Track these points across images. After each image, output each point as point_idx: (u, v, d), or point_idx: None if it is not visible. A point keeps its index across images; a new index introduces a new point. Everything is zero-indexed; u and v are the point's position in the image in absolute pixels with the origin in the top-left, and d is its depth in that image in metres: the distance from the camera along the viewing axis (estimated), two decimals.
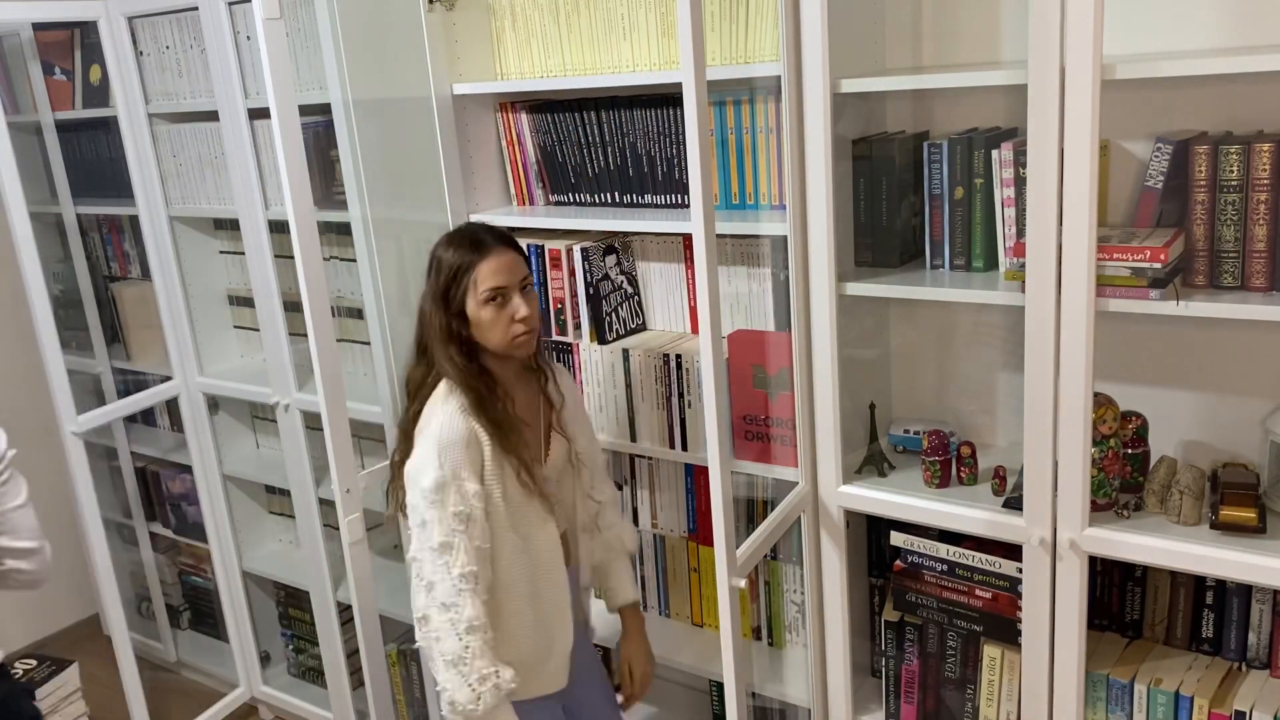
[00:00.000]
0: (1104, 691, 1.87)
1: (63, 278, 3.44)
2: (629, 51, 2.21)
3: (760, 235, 2.13)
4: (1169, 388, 1.92)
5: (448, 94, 2.34)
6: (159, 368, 3.16)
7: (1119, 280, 1.64)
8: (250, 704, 3.35)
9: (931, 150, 1.89)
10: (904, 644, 2.09)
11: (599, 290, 2.32)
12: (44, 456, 3.69)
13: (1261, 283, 1.62)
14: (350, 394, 2.11)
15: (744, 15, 2.03)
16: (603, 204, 2.36)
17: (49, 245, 3.41)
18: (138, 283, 3.30)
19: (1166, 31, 1.78)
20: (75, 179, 3.26)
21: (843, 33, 1.85)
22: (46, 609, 3.80)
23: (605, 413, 2.36)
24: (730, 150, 2.12)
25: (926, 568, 2.01)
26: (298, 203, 1.91)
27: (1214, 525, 1.69)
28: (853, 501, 2.01)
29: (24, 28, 3.05)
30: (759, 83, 2.03)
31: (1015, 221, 1.81)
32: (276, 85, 1.85)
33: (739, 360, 2.13)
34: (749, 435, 2.17)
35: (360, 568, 2.12)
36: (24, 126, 3.24)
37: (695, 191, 1.55)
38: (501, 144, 2.48)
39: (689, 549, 2.50)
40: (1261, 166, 1.59)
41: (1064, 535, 1.74)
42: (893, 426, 2.16)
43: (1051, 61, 1.55)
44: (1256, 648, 1.83)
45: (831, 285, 1.89)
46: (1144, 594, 1.92)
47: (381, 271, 2.32)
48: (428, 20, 2.27)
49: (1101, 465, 1.77)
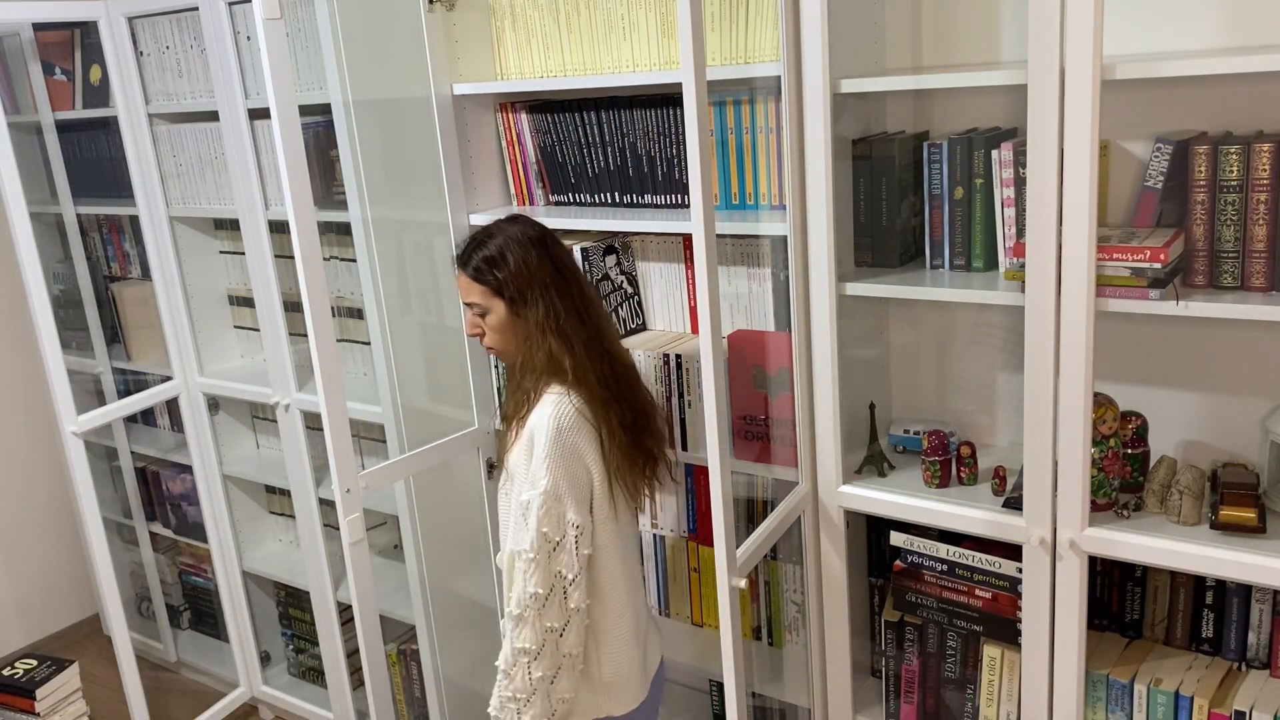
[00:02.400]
0: (1104, 691, 1.87)
1: (63, 278, 3.44)
2: (629, 51, 2.21)
3: (760, 235, 2.13)
4: (1169, 388, 1.92)
5: (448, 94, 2.34)
6: (159, 368, 3.16)
7: (1119, 280, 1.64)
8: (250, 704, 3.35)
9: (931, 150, 1.89)
10: (904, 644, 2.09)
11: (599, 290, 2.32)
12: (44, 456, 3.70)
13: (1261, 283, 1.62)
14: (350, 394, 2.11)
15: (744, 15, 2.03)
16: (603, 204, 2.36)
17: (49, 245, 3.41)
18: (138, 283, 3.30)
19: (1166, 31, 1.78)
20: (75, 179, 3.26)
21: (843, 33, 1.85)
22: (46, 609, 3.80)
23: None
24: (730, 150, 2.12)
25: (926, 568, 2.01)
26: (298, 203, 1.90)
27: (1214, 525, 1.69)
28: (853, 501, 2.01)
29: (24, 28, 3.05)
30: (759, 83, 2.03)
31: (1015, 221, 1.81)
32: (276, 85, 1.85)
33: (739, 360, 2.13)
34: (749, 435, 2.17)
35: (360, 568, 2.12)
36: (24, 126, 3.24)
37: (695, 191, 1.55)
38: (501, 144, 2.48)
39: (689, 549, 2.50)
40: (1261, 166, 1.59)
41: (1064, 535, 1.74)
42: (893, 426, 2.16)
43: (1051, 61, 1.55)
44: (1256, 648, 1.83)
45: (831, 285, 1.89)
46: (1144, 594, 1.92)
47: (381, 271, 2.32)
48: (428, 20, 2.27)
49: (1101, 465, 1.77)
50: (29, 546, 3.71)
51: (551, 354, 1.84)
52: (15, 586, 2.05)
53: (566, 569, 1.78)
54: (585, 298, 1.90)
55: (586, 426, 1.82)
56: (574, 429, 1.80)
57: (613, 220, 2.22)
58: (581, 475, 1.81)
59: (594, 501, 1.83)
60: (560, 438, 1.78)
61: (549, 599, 1.78)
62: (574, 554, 1.79)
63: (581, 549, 1.80)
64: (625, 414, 1.88)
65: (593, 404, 1.83)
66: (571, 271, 1.90)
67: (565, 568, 1.78)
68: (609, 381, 1.87)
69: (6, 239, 2.64)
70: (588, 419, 1.82)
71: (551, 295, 1.84)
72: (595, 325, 1.89)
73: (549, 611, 1.78)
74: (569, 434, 1.79)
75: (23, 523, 3.68)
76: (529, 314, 1.85)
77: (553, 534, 1.77)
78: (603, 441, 1.83)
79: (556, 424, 1.79)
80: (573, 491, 1.79)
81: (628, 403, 1.90)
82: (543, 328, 1.84)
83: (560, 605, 1.79)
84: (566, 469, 1.78)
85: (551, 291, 1.85)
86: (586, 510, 1.82)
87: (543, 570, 1.77)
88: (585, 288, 1.92)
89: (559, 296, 1.85)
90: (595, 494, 1.83)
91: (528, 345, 1.86)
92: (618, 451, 1.84)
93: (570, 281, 1.88)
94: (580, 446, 1.81)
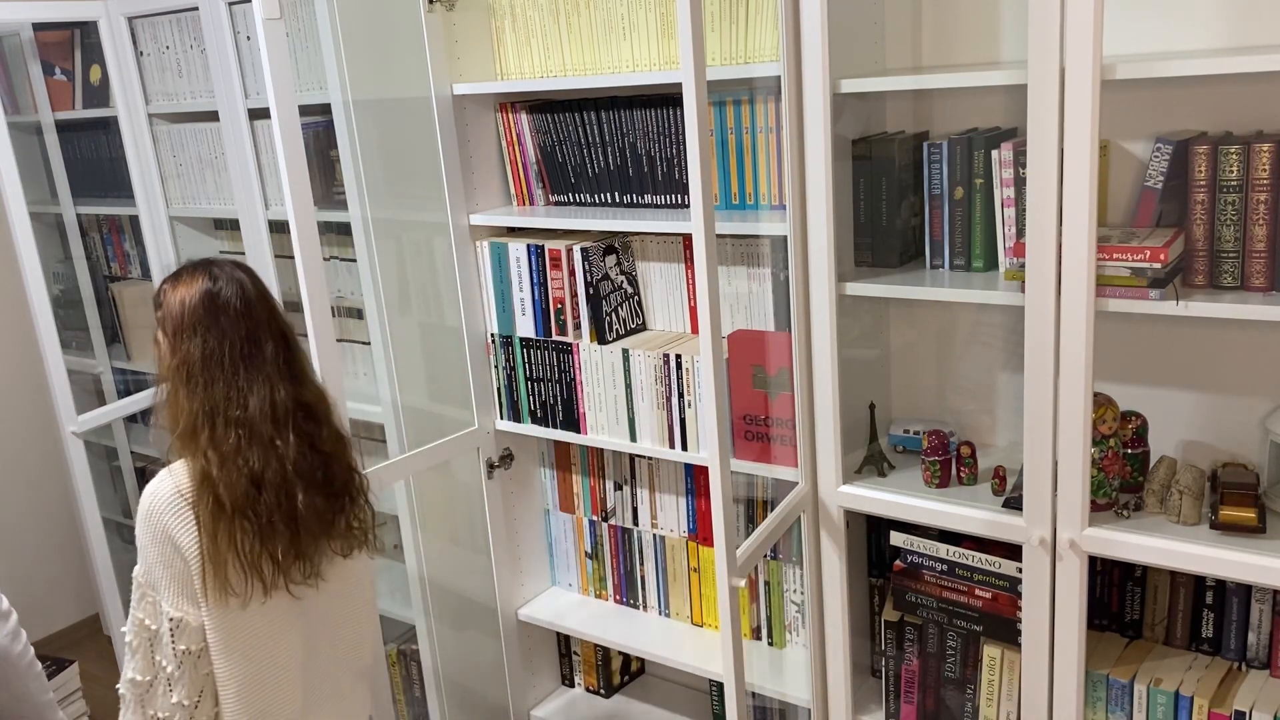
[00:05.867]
0: (1104, 691, 1.87)
1: (63, 278, 3.44)
2: (629, 51, 2.21)
3: (760, 235, 2.13)
4: (1169, 388, 1.92)
5: (448, 94, 2.34)
6: None
7: (1119, 280, 1.64)
8: None
9: (931, 150, 1.89)
10: (904, 644, 2.09)
11: (599, 290, 2.32)
12: (44, 456, 3.70)
13: (1261, 283, 1.62)
14: (350, 394, 2.12)
15: (744, 15, 2.03)
16: (603, 204, 2.36)
17: (49, 245, 3.41)
18: (138, 283, 3.30)
19: (1166, 31, 1.78)
20: (75, 179, 3.26)
21: (843, 33, 1.85)
22: (46, 609, 3.80)
23: (605, 413, 2.36)
24: (730, 150, 2.12)
25: (926, 568, 2.01)
26: (298, 203, 1.91)
27: (1214, 525, 1.69)
28: (853, 501, 2.01)
29: (24, 28, 3.05)
30: (759, 83, 2.03)
31: (1015, 221, 1.81)
32: (276, 85, 1.86)
33: (739, 360, 2.13)
34: (749, 435, 2.17)
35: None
36: (24, 126, 3.24)
37: (695, 191, 1.55)
38: (501, 144, 2.48)
39: (689, 549, 2.50)
40: (1261, 166, 1.59)
41: (1064, 535, 1.74)
42: (893, 426, 2.16)
43: (1051, 61, 1.55)
44: (1256, 648, 1.83)
45: (831, 285, 1.89)
46: (1144, 594, 1.92)
47: (381, 271, 2.32)
48: (428, 20, 2.27)
49: (1101, 465, 1.77)
50: (29, 546, 3.70)
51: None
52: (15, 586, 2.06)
53: (166, 659, 1.56)
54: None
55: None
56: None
57: (613, 220, 2.22)
58: (178, 563, 1.55)
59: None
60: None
61: (151, 687, 1.57)
62: (171, 646, 1.55)
63: (179, 643, 1.55)
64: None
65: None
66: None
67: (164, 658, 1.56)
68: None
69: (6, 239, 2.64)
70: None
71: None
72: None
73: (151, 701, 1.57)
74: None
75: (23, 523, 3.68)
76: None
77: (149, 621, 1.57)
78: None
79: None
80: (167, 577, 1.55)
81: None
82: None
83: (164, 697, 1.57)
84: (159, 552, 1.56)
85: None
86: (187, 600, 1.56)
87: (143, 658, 1.57)
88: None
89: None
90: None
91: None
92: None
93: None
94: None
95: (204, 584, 1.54)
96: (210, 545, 1.54)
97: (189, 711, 1.58)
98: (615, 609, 2.65)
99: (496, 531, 2.59)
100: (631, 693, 2.82)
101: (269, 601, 1.60)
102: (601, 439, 2.38)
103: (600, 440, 2.39)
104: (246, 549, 1.54)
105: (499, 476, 2.59)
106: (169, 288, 1.63)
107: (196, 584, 1.55)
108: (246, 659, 1.60)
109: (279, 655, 1.63)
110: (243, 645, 1.59)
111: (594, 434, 2.40)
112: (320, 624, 1.70)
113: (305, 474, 1.61)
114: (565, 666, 2.86)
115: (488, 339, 2.50)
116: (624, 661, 2.83)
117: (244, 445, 1.56)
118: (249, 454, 1.56)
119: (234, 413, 1.56)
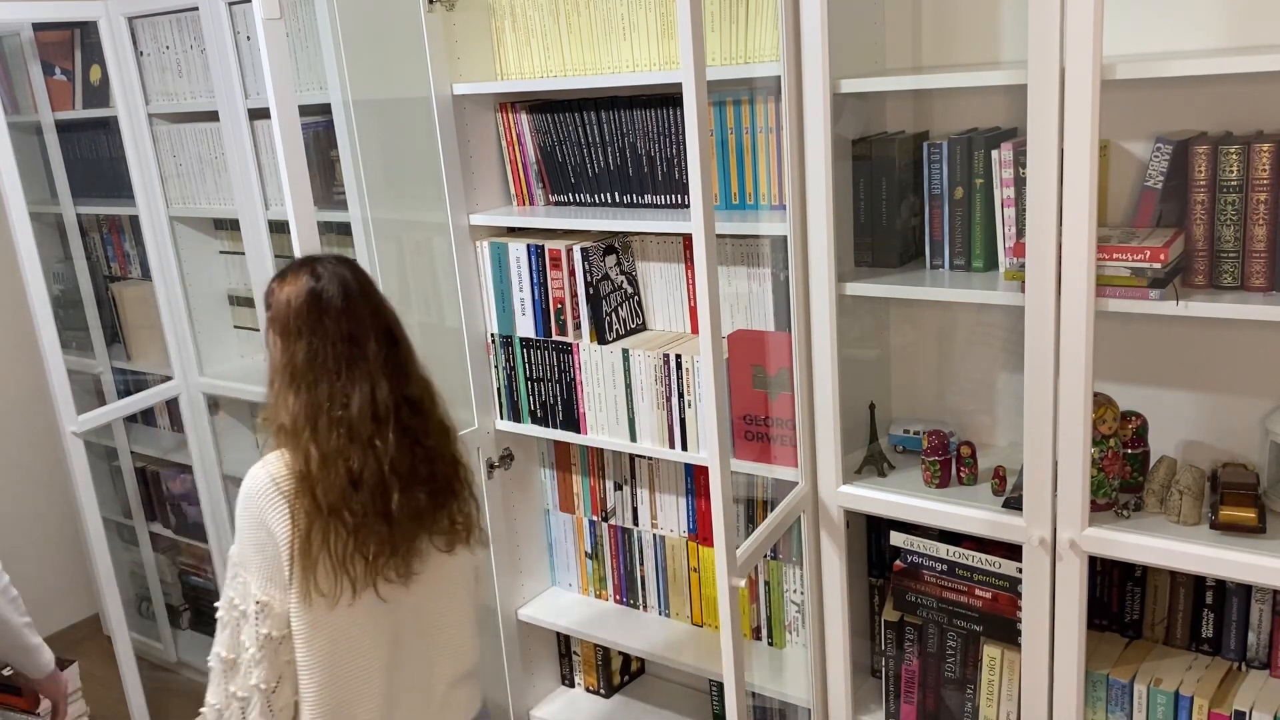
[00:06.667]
0: (1104, 691, 1.87)
1: (63, 278, 3.44)
2: (629, 51, 2.21)
3: (760, 235, 2.13)
4: (1169, 388, 1.92)
5: (448, 94, 2.34)
6: (159, 368, 3.16)
7: (1119, 280, 1.64)
8: None
9: (931, 150, 1.89)
10: (904, 644, 2.09)
11: (599, 290, 2.32)
12: (44, 456, 3.70)
13: (1261, 283, 1.62)
14: None
15: (744, 15, 2.03)
16: (603, 204, 2.36)
17: (49, 245, 3.41)
18: (138, 283, 3.30)
19: (1166, 31, 1.78)
20: (75, 179, 3.26)
21: (843, 33, 1.85)
22: (46, 609, 3.80)
23: (605, 413, 2.36)
24: (730, 150, 2.12)
25: (926, 568, 2.01)
26: (298, 203, 1.91)
27: (1214, 525, 1.69)
28: (853, 501, 2.01)
29: (24, 28, 3.05)
30: (759, 83, 2.04)
31: (1015, 221, 1.81)
32: (276, 85, 1.85)
33: (739, 360, 2.13)
34: (749, 435, 2.17)
35: None
36: (24, 126, 3.24)
37: (695, 191, 1.55)
38: (501, 144, 2.48)
39: (689, 549, 2.50)
40: (1261, 166, 1.59)
41: (1064, 535, 1.74)
42: (893, 426, 2.16)
43: (1051, 61, 1.55)
44: (1256, 648, 1.83)
45: (831, 285, 1.89)
46: (1144, 594, 1.92)
47: (381, 271, 2.32)
48: (428, 20, 2.27)
49: (1101, 465, 1.77)
50: (29, 546, 3.70)
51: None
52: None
53: (249, 640, 1.59)
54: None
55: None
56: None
57: (613, 220, 2.22)
58: (270, 548, 1.59)
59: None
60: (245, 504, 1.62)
61: (234, 665, 1.60)
62: (255, 628, 1.58)
63: (261, 628, 1.58)
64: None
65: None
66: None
67: (248, 639, 1.59)
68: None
69: (6, 239, 2.64)
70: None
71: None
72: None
73: (233, 678, 1.60)
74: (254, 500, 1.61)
75: (23, 523, 3.68)
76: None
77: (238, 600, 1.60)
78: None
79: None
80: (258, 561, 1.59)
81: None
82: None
83: (244, 676, 1.60)
84: (253, 538, 1.60)
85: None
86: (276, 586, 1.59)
87: (230, 635, 1.61)
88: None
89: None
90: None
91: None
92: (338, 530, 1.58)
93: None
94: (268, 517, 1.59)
95: (292, 578, 1.58)
96: (303, 544, 1.56)
97: (265, 695, 1.60)
98: (615, 609, 2.65)
99: (496, 531, 2.59)
100: (631, 693, 2.82)
101: (357, 602, 1.61)
102: (601, 439, 2.39)
103: (600, 440, 2.39)
104: (339, 549, 1.57)
105: (499, 476, 2.59)
106: (276, 286, 1.65)
107: (286, 572, 1.58)
108: (328, 655, 1.62)
109: (362, 655, 1.64)
110: (325, 641, 1.61)
111: (594, 434, 2.40)
112: (413, 624, 1.70)
113: (403, 472, 1.62)
114: (565, 666, 2.86)
115: (488, 339, 2.50)
116: (624, 661, 2.83)
117: (344, 444, 1.58)
118: (349, 453, 1.58)
119: (336, 412, 1.59)
